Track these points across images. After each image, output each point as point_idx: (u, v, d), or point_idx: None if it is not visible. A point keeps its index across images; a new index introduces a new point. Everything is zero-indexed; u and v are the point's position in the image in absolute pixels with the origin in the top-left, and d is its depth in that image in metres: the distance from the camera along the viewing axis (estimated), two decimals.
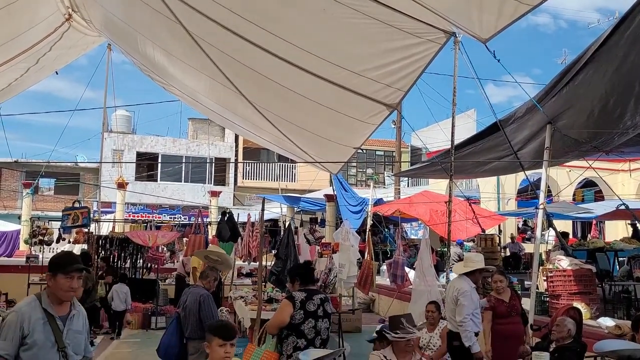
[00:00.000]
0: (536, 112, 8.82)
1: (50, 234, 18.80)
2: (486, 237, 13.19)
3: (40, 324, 3.83)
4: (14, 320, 3.77)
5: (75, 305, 4.11)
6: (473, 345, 6.96)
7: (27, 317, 3.81)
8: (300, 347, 5.63)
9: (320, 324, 5.78)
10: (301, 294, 5.78)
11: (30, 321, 3.80)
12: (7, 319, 3.81)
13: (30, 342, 3.76)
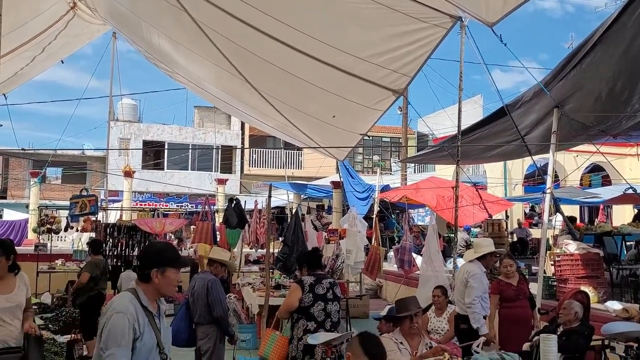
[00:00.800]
0: (543, 96, 8.78)
1: (58, 223, 18.86)
2: (493, 222, 13.19)
3: (147, 324, 3.49)
4: (124, 323, 3.35)
5: (162, 300, 3.77)
6: (481, 327, 6.98)
7: (135, 317, 3.43)
8: (310, 329, 5.69)
9: (330, 307, 5.84)
10: (310, 278, 5.85)
11: (139, 321, 3.44)
12: (113, 322, 3.36)
13: (140, 345, 3.41)
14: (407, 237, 12.57)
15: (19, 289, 5.21)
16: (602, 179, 25.50)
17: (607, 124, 9.51)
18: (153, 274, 3.53)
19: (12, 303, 5.10)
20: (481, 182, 24.11)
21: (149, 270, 3.55)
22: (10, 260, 5.19)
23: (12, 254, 5.25)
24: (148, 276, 3.55)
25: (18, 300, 5.15)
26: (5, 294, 5.11)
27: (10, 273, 5.23)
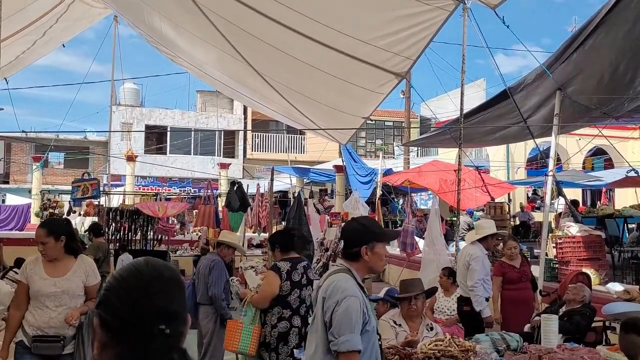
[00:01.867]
0: (546, 79, 8.76)
1: (60, 207, 18.93)
2: (495, 205, 13.19)
3: (368, 304, 3.36)
4: (357, 308, 3.21)
5: None
6: (483, 310, 7.02)
7: (362, 299, 3.29)
8: (285, 317, 5.62)
9: (305, 292, 5.77)
10: (286, 264, 5.72)
11: (366, 303, 3.33)
12: (347, 306, 3.19)
13: (369, 328, 3.29)
14: (409, 220, 12.59)
15: (73, 274, 4.78)
16: (605, 162, 25.47)
17: (610, 106, 9.49)
18: (363, 251, 3.39)
19: (58, 288, 4.68)
20: (484, 166, 24.09)
21: (358, 248, 3.40)
22: (61, 241, 4.70)
23: (63, 234, 4.75)
24: (357, 254, 3.41)
25: (66, 286, 4.72)
26: (55, 277, 4.72)
27: (70, 255, 4.81)
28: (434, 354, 4.39)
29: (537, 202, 25.06)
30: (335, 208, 18.67)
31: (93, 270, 4.89)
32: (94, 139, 35.35)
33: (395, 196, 22.69)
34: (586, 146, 18.80)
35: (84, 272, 4.82)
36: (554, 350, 4.64)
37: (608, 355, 4.69)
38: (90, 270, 4.86)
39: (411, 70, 8.23)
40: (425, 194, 26.25)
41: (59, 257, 4.75)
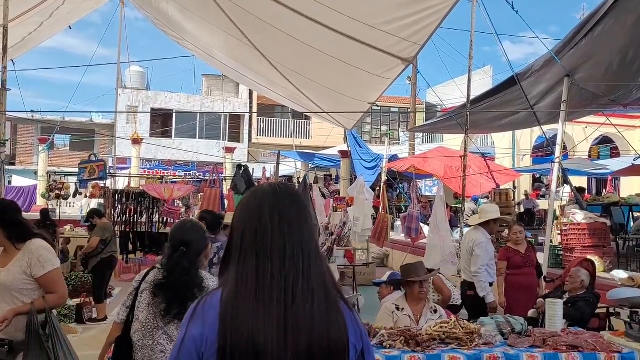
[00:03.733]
0: (554, 65, 8.73)
1: (66, 189, 18.97)
2: (501, 192, 13.19)
3: None
4: None
5: None
6: (487, 295, 7.06)
7: None
8: None
9: (213, 270, 5.88)
10: None
11: None
12: None
13: None
14: (414, 206, 12.60)
15: (14, 264, 3.91)
16: (611, 150, 25.39)
17: (618, 94, 9.45)
18: None
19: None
20: (489, 153, 24.07)
21: None
22: None
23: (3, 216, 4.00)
24: None
25: (3, 279, 3.87)
26: None
27: (20, 243, 3.98)
28: (439, 335, 4.42)
29: (543, 190, 25.05)
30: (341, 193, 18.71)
31: (38, 258, 3.90)
32: (99, 121, 35.37)
33: (400, 182, 22.71)
34: (593, 134, 18.73)
35: (27, 262, 3.89)
36: (558, 334, 4.67)
37: (612, 340, 4.72)
38: (35, 259, 3.90)
39: (418, 56, 8.22)
40: (430, 180, 26.25)
41: (5, 245, 4.01)
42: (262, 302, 1.73)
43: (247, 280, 1.76)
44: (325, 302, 1.79)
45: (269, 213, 1.85)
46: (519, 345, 4.47)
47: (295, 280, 1.76)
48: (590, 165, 19.35)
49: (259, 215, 1.85)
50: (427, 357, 4.23)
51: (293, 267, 1.78)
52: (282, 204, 1.89)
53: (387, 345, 4.38)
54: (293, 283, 1.76)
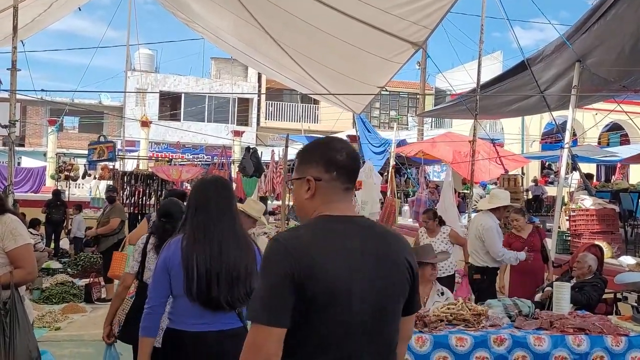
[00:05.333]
0: (564, 50, 8.67)
1: (76, 170, 19.07)
2: (509, 178, 13.15)
3: None
4: None
5: None
6: (518, 257, 7.13)
7: None
8: None
9: None
10: None
11: None
12: None
13: None
14: (422, 190, 12.62)
15: None
16: (621, 137, 25.26)
17: (630, 80, 9.39)
18: None
19: None
20: (498, 139, 23.98)
21: None
22: None
23: None
24: None
25: None
26: None
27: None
28: (447, 316, 4.45)
29: (551, 177, 24.99)
30: None
31: (12, 231, 3.82)
32: (108, 104, 35.41)
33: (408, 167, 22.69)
34: (602, 120, 18.62)
35: (0, 235, 3.81)
36: (565, 316, 4.69)
37: (619, 324, 4.73)
38: (8, 232, 3.81)
39: (428, 40, 8.19)
40: (438, 166, 26.20)
41: None
42: (207, 240, 3.22)
43: (198, 228, 3.26)
44: (242, 240, 3.36)
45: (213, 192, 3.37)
46: (526, 327, 4.50)
47: (225, 229, 3.29)
48: (599, 152, 19.30)
49: (205, 195, 3.37)
50: (434, 337, 4.26)
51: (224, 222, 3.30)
52: (219, 188, 3.42)
53: None
54: (224, 230, 3.29)
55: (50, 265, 12.29)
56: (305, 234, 2.07)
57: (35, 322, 4.39)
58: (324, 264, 1.97)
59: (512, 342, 4.30)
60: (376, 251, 2.09)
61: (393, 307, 2.13)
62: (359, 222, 2.18)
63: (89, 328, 6.72)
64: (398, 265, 2.13)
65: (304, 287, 1.94)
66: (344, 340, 2.01)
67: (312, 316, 1.97)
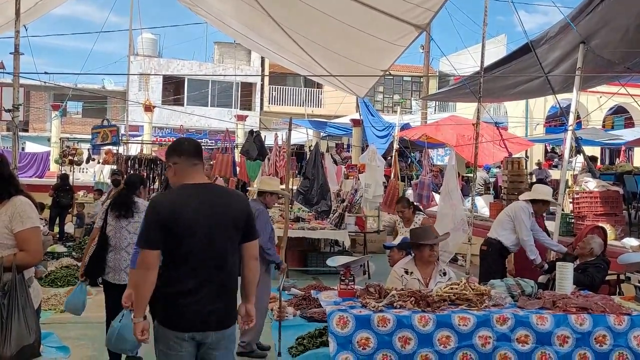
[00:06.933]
0: (569, 32, 8.62)
1: (79, 154, 19.09)
2: (513, 161, 13.11)
3: None
4: None
5: None
6: (536, 258, 7.24)
7: None
8: None
9: None
10: None
11: None
12: None
13: None
14: (426, 173, 12.62)
15: None
16: (625, 121, 25.16)
17: (634, 61, 9.33)
18: None
19: None
20: (502, 123, 23.92)
21: None
22: None
23: None
24: None
25: None
26: None
27: (5, 199, 3.85)
28: (449, 296, 4.47)
29: (555, 160, 24.92)
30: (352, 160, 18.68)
31: (20, 213, 3.79)
32: (111, 88, 35.39)
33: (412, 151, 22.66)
34: (606, 103, 18.53)
35: (10, 216, 3.78)
36: (568, 296, 4.71)
37: (621, 303, 4.75)
38: (17, 213, 3.79)
39: (431, 24, 8.15)
40: (441, 149, 26.18)
41: None
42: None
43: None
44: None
45: None
46: (529, 307, 4.52)
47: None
48: (603, 135, 19.24)
49: None
50: (437, 317, 4.29)
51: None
52: None
53: (398, 306, 4.43)
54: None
55: (55, 249, 12.36)
56: (169, 196, 3.74)
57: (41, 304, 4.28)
58: (180, 212, 3.46)
59: (514, 322, 4.33)
60: (214, 202, 3.56)
61: (229, 236, 3.58)
62: (204, 185, 3.65)
63: (94, 310, 6.75)
64: (229, 209, 3.59)
65: (168, 226, 3.41)
66: (196, 254, 3.46)
67: (177, 243, 3.43)
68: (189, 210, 3.47)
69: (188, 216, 3.46)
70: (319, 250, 12.24)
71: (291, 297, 9.28)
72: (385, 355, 4.23)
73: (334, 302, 4.70)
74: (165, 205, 3.52)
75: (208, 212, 3.50)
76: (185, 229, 3.43)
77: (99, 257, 5.60)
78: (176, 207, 3.48)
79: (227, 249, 3.57)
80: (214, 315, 3.50)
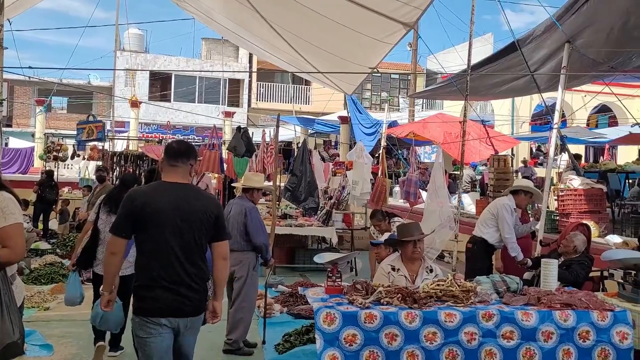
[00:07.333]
0: (554, 31, 8.68)
1: (64, 150, 18.97)
2: (499, 158, 13.19)
3: None
4: None
5: None
6: (518, 255, 7.37)
7: None
8: None
9: None
10: None
11: None
12: None
13: None
14: (413, 170, 12.66)
15: None
16: (609, 119, 25.36)
17: (618, 60, 9.40)
18: None
19: None
20: (489, 121, 24.04)
21: None
22: None
23: None
24: None
25: None
26: None
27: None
28: (436, 293, 4.51)
29: (540, 158, 25.08)
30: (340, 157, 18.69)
31: (3, 209, 3.67)
32: (97, 84, 35.14)
33: (399, 148, 22.73)
34: (591, 101, 18.67)
35: None
36: (553, 292, 4.76)
37: (605, 299, 4.82)
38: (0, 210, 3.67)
39: (419, 22, 8.18)
40: (429, 147, 26.27)
41: None
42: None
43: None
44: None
45: None
46: (514, 303, 4.57)
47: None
48: (588, 134, 19.37)
49: None
50: (423, 313, 4.33)
51: None
52: None
53: (385, 302, 4.47)
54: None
55: (39, 245, 12.28)
56: (146, 189, 4.09)
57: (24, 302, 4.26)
58: (151, 203, 3.82)
59: (500, 318, 4.38)
60: (185, 200, 3.89)
61: (197, 230, 3.88)
62: (178, 184, 3.95)
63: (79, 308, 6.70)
64: (198, 208, 3.91)
65: (140, 215, 3.80)
66: (167, 245, 3.79)
67: (147, 229, 3.80)
68: (160, 203, 3.84)
69: (159, 208, 3.83)
70: (306, 247, 12.27)
71: (278, 294, 9.30)
72: (371, 351, 4.26)
73: (321, 299, 4.74)
74: (140, 196, 3.91)
75: (179, 208, 3.86)
76: (155, 220, 3.80)
77: (91, 249, 5.99)
78: (149, 199, 3.86)
79: (197, 243, 3.90)
80: (188, 301, 3.85)
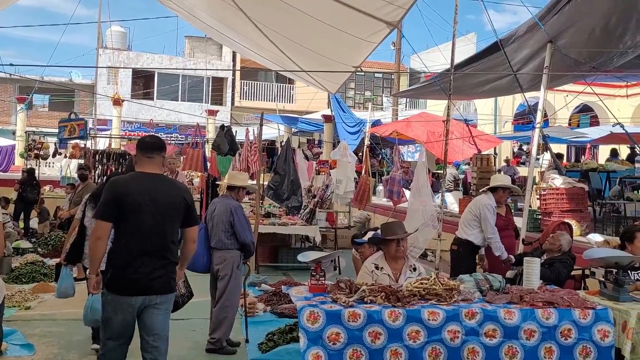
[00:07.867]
0: (537, 31, 8.73)
1: (46, 148, 18.79)
2: (482, 157, 13.29)
3: None
4: None
5: None
6: (502, 253, 7.43)
7: None
8: None
9: None
10: None
11: None
12: None
13: None
14: (396, 169, 12.70)
15: None
16: (591, 119, 25.59)
17: (599, 61, 9.48)
18: None
19: None
20: (472, 120, 24.16)
21: None
22: None
23: None
24: None
25: None
26: None
27: None
28: (419, 291, 4.52)
29: (523, 158, 25.26)
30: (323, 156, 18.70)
31: None
32: (79, 81, 34.87)
33: (383, 147, 22.78)
34: (573, 101, 18.84)
35: None
36: (535, 291, 4.80)
37: (586, 297, 4.86)
38: None
39: (402, 21, 8.20)
40: (412, 146, 26.37)
41: None
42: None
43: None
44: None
45: None
46: (497, 302, 4.59)
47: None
48: (570, 133, 19.54)
49: None
50: (407, 312, 4.34)
51: None
52: None
53: (368, 301, 4.47)
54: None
55: (20, 244, 12.15)
56: (126, 178, 4.47)
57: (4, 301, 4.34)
58: (131, 191, 4.23)
59: (483, 316, 4.40)
60: (160, 188, 4.33)
61: (169, 217, 4.34)
62: (154, 174, 4.39)
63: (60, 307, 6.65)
64: (172, 196, 4.39)
65: (121, 202, 4.19)
66: (143, 229, 4.21)
67: (127, 217, 4.19)
68: (139, 191, 4.27)
69: (137, 195, 4.26)
70: (289, 246, 12.26)
71: (261, 292, 9.28)
72: (355, 350, 4.26)
73: (305, 298, 4.73)
74: (121, 184, 4.35)
75: (154, 196, 4.30)
76: (134, 206, 4.22)
77: (79, 245, 6.19)
78: (131, 186, 4.30)
79: (169, 228, 4.37)
80: (158, 280, 4.27)
